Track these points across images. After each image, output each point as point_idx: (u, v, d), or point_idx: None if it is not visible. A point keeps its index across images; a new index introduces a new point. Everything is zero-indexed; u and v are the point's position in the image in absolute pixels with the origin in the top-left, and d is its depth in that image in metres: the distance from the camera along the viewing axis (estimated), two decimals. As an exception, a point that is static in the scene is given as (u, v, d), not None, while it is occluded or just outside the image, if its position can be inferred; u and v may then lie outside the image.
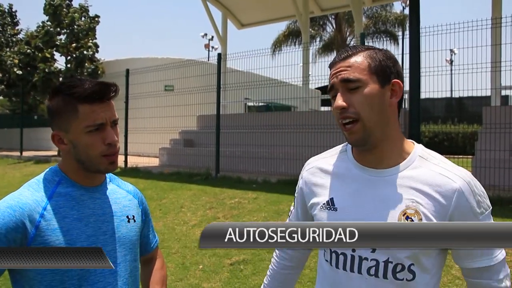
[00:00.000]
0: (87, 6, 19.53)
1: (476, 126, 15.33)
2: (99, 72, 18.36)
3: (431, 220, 1.28)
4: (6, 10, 24.43)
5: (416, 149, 1.39)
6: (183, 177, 9.47)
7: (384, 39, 26.60)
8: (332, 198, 1.42)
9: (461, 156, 9.35)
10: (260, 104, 17.32)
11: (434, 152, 1.41)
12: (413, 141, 1.43)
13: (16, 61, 19.27)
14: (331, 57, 27.11)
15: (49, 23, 18.61)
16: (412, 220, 1.28)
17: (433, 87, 21.55)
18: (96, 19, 19.50)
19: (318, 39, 27.55)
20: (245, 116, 12.61)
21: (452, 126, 18.03)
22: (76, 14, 18.43)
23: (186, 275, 5.20)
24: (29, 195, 1.43)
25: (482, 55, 8.85)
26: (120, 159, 11.73)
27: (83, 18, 19.14)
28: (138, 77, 12.34)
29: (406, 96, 12.60)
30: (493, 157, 7.00)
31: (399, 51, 23.97)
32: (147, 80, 12.30)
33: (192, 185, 8.56)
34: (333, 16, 25.83)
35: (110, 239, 1.52)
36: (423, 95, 9.08)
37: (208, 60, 16.69)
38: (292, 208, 1.66)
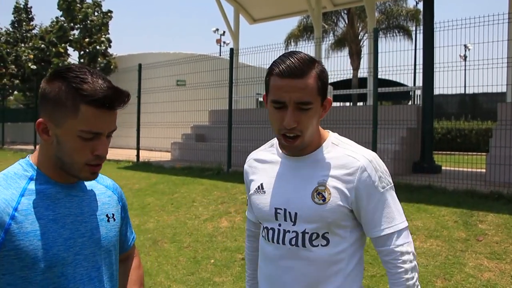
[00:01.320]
0: (100, 2, 19.63)
1: (490, 123, 15.18)
2: (111, 66, 18.46)
3: (338, 193, 1.50)
4: (22, 6, 24.62)
5: (330, 138, 1.61)
6: (195, 172, 9.49)
7: (397, 34, 26.39)
8: (262, 183, 1.65)
9: (474, 153, 9.27)
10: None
11: (346, 139, 1.62)
12: (329, 131, 1.64)
13: (31, 56, 19.46)
14: (344, 52, 27.02)
15: (63, 18, 18.76)
16: (323, 196, 1.50)
17: (446, 83, 21.41)
18: (109, 14, 19.60)
19: (330, 34, 27.42)
20: (256, 111, 12.60)
21: (466, 123, 17.87)
22: (89, 10, 18.55)
23: (198, 269, 5.22)
24: None
25: (497, 51, 8.71)
26: (132, 153, 11.91)
27: (96, 14, 19.25)
28: (150, 72, 12.39)
29: (419, 92, 12.53)
30: (508, 154, 6.92)
31: (412, 46, 23.74)
32: (159, 75, 12.33)
33: (203, 179, 8.57)
34: (345, 11, 25.66)
35: (88, 241, 1.36)
36: (436, 91, 8.99)
37: (220, 55, 16.71)
38: (247, 198, 1.83)
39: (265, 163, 1.69)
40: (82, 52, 18.64)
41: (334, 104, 19.99)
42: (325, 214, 1.50)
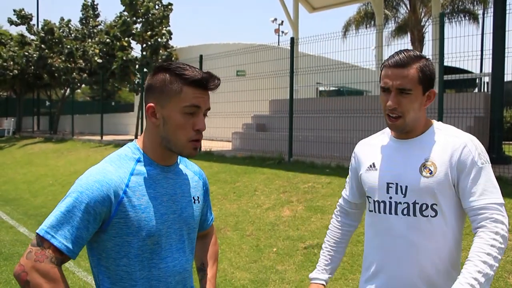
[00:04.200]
0: (161, -5, 20.03)
1: None
2: (173, 58, 18.85)
3: (443, 167, 1.72)
4: (89, 3, 25.60)
5: (434, 124, 1.85)
6: (256, 161, 9.57)
7: (462, 18, 25.24)
8: (374, 162, 1.89)
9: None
10: (332, 88, 17.09)
11: (451, 126, 1.85)
12: (434, 120, 1.88)
13: (97, 50, 20.22)
14: (405, 39, 26.20)
15: (125, 13, 19.32)
16: (430, 170, 1.73)
17: (518, 68, 20.20)
18: (170, 7, 19.98)
19: (391, 21, 26.63)
20: (317, 101, 12.50)
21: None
22: (150, 4, 18.98)
23: (260, 257, 5.28)
24: (113, 171, 1.49)
25: None
26: (195, 143, 12.14)
27: (157, 7, 19.68)
28: (210, 63, 12.54)
29: (487, 79, 11.97)
30: None
31: (479, 31, 22.65)
32: (219, 65, 12.46)
33: (265, 169, 8.63)
34: (407, -4, 24.84)
35: (178, 218, 1.60)
36: (507, 78, 8.55)
37: (278, 44, 16.66)
38: (347, 180, 2.13)
39: (375, 146, 1.94)
40: (144, 45, 19.14)
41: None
42: (432, 185, 1.72)
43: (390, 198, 1.80)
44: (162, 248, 1.55)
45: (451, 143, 1.74)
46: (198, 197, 1.71)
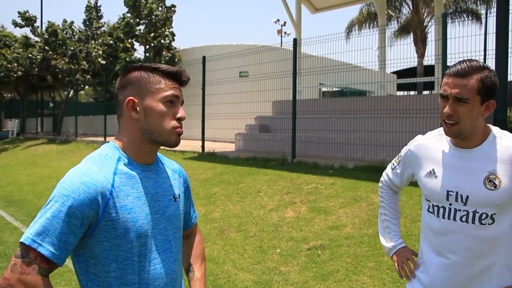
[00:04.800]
0: (163, -3, 20.09)
1: None
2: (176, 60, 18.90)
3: (507, 180, 1.78)
4: (92, 5, 25.66)
5: (492, 132, 1.87)
6: (259, 162, 9.57)
7: (465, 18, 25.20)
8: (434, 168, 1.94)
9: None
10: (335, 89, 17.08)
11: (507, 132, 1.88)
12: (490, 125, 1.89)
13: (100, 52, 20.28)
14: (408, 39, 26.17)
15: (129, 14, 19.39)
16: (494, 183, 1.79)
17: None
18: (172, 8, 20.04)
19: (394, 22, 26.61)
20: (320, 102, 12.50)
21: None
22: (154, 5, 19.04)
23: (264, 258, 5.28)
24: (97, 171, 1.44)
25: None
26: (198, 144, 12.16)
27: (160, 9, 19.74)
28: (213, 64, 12.55)
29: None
30: None
31: (482, 31, 22.59)
32: (222, 66, 12.48)
33: (268, 170, 8.63)
34: (410, -3, 24.82)
35: (161, 217, 1.57)
36: (510, 77, 8.52)
37: (281, 45, 16.67)
38: (394, 165, 2.21)
39: (435, 151, 1.98)
40: (147, 47, 19.20)
41: (399, 93, 19.45)
42: (496, 198, 1.78)
43: (450, 204, 1.88)
44: (148, 249, 1.51)
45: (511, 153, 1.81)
46: (179, 195, 1.69)
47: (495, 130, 1.89)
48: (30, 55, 22.47)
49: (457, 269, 1.88)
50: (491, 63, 8.74)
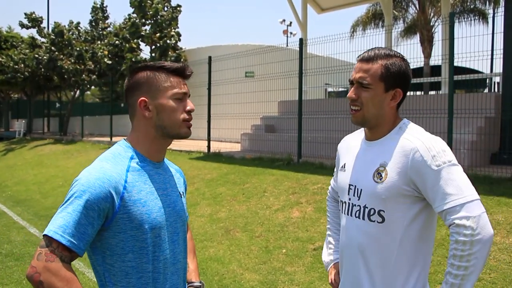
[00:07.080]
0: (169, -3, 20.13)
1: None
2: (181, 60, 18.93)
3: (394, 173, 1.68)
4: (99, 6, 25.76)
5: (399, 124, 1.79)
6: (265, 162, 9.56)
7: (472, 18, 25.06)
8: (345, 163, 1.92)
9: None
10: (341, 89, 17.04)
11: (416, 126, 1.79)
12: (404, 119, 1.82)
13: (106, 52, 20.35)
14: (414, 39, 26.07)
15: (134, 15, 19.45)
16: (381, 175, 1.70)
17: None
18: (178, 8, 20.08)
19: (400, 21, 26.52)
20: (326, 102, 12.47)
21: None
22: (159, 5, 19.08)
23: (270, 258, 5.28)
24: (111, 168, 1.56)
25: None
26: (203, 144, 12.17)
27: (165, 9, 19.78)
28: (219, 64, 12.56)
29: (498, 79, 11.85)
30: None
31: (489, 31, 22.48)
32: (228, 67, 12.48)
33: (274, 170, 8.62)
34: (416, -4, 24.72)
35: (172, 211, 1.69)
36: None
37: (287, 45, 16.64)
38: (335, 171, 2.13)
39: (351, 145, 1.95)
40: (153, 47, 19.25)
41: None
42: (380, 191, 1.70)
43: (349, 199, 1.83)
44: (162, 240, 1.62)
45: (404, 147, 1.70)
46: (182, 192, 1.82)
47: (403, 123, 1.80)
48: (36, 56, 22.58)
49: (353, 267, 1.82)
50: (498, 63, 8.71)
